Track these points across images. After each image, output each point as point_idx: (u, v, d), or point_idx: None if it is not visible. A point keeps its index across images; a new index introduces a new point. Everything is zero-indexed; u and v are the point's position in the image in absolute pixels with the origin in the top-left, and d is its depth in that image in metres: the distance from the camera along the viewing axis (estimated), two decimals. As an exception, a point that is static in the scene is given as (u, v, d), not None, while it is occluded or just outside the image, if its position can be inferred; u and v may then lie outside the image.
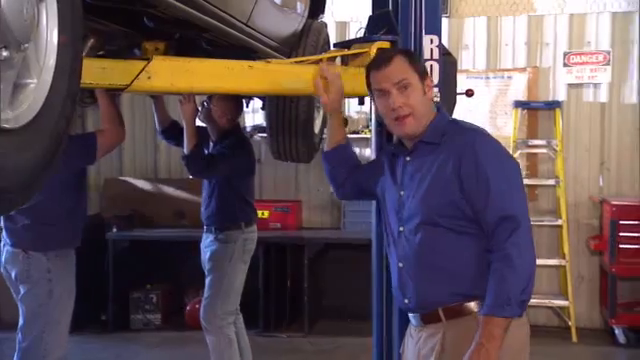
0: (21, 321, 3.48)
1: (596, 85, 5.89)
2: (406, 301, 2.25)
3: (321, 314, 5.96)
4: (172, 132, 4.33)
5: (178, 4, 1.86)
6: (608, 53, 5.85)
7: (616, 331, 5.42)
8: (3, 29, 1.27)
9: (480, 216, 2.11)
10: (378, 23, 2.77)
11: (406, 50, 2.33)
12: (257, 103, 4.95)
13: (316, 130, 4.02)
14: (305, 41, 3.68)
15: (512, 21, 6.00)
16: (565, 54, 5.90)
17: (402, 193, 2.25)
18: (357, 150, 6.21)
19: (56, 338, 3.55)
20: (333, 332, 5.67)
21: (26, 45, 1.36)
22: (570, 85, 5.91)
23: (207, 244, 4.27)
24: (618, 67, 5.84)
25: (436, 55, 2.70)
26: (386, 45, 2.62)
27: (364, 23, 5.92)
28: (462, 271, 2.15)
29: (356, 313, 5.52)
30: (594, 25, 5.90)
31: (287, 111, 3.76)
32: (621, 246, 5.36)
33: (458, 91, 2.93)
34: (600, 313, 5.84)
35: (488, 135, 2.26)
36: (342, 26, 6.10)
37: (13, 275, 3.55)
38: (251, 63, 2.27)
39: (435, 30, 2.72)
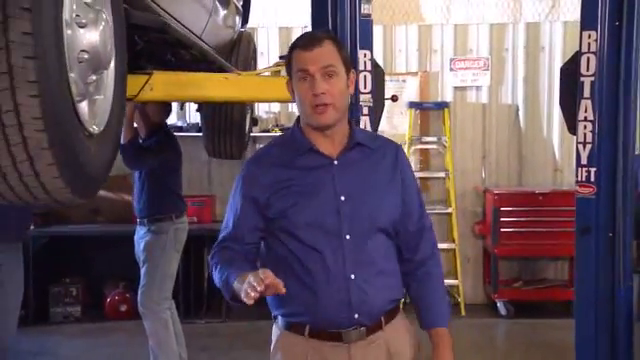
0: None
1: (478, 88, 6.64)
2: (356, 316, 2.06)
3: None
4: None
5: (182, 30, 2.25)
6: (487, 59, 6.61)
7: (498, 304, 6.17)
8: (98, 60, 1.65)
9: (404, 225, 2.15)
10: (319, 39, 3.24)
11: (334, 36, 2.17)
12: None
13: (246, 130, 4.47)
14: (238, 49, 4.12)
15: (404, 30, 6.64)
16: (451, 60, 6.61)
17: (343, 198, 2.06)
18: (266, 147, 6.66)
19: (5, 327, 3.78)
20: (248, 317, 6.07)
21: (105, 70, 1.74)
22: (456, 88, 6.63)
23: (141, 236, 4.57)
24: (496, 72, 6.61)
25: (369, 67, 3.23)
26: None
27: (307, 29, 6.44)
28: (398, 275, 2.17)
29: (269, 298, 5.97)
30: (475, 34, 6.64)
31: (223, 113, 4.18)
32: (502, 230, 6.11)
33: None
34: (484, 289, 6.60)
35: None
36: (286, 31, 6.55)
37: None
38: (226, 75, 2.68)
39: (367, 46, 3.24)
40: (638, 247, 3.35)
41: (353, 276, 2.04)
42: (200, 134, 6.14)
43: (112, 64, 1.81)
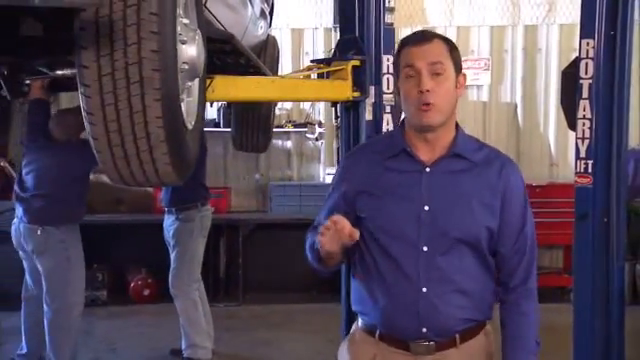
0: (46, 286, 4.12)
1: (479, 87, 7.05)
2: (424, 330, 2.01)
3: (252, 286, 6.75)
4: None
5: (241, 45, 2.64)
6: (488, 60, 7.01)
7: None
8: (194, 69, 2.03)
9: (502, 246, 2.04)
10: (347, 45, 3.63)
11: (447, 37, 2.09)
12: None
13: (271, 125, 4.85)
14: (265, 52, 4.49)
15: (410, 31, 6.94)
16: (453, 60, 6.99)
17: (426, 208, 2.00)
18: (279, 142, 7.05)
19: (78, 295, 4.25)
20: (264, 301, 6.47)
21: (197, 78, 2.12)
22: (458, 86, 7.02)
23: (170, 223, 4.94)
24: (496, 72, 7.02)
25: (391, 70, 3.62)
26: (358, 64, 3.50)
27: (318, 31, 6.79)
28: (485, 297, 2.06)
29: (282, 284, 6.42)
30: (476, 36, 7.05)
31: (251, 109, 4.56)
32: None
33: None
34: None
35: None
36: (298, 32, 6.92)
37: (30, 248, 4.17)
38: (272, 78, 3.06)
39: (389, 51, 3.63)
40: (628, 234, 3.74)
41: (425, 289, 1.99)
42: (217, 129, 6.57)
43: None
